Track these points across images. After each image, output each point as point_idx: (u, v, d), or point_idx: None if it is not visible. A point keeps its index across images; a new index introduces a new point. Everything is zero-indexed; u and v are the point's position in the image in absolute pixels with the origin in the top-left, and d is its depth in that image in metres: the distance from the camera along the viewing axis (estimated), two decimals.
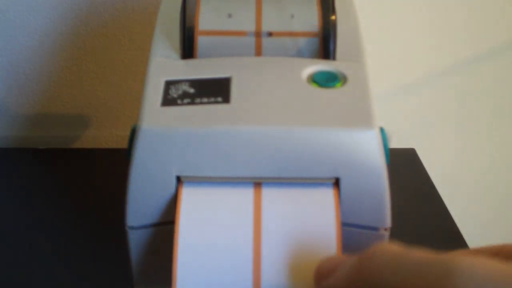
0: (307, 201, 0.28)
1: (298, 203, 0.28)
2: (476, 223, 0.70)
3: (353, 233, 0.28)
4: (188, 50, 0.33)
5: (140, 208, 0.28)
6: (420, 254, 0.21)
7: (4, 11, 0.55)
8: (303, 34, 0.33)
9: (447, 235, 0.49)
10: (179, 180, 0.28)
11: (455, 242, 0.48)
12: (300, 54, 0.33)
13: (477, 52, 0.60)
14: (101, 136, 0.62)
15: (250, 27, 0.33)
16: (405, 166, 0.58)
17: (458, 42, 0.59)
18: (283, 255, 0.27)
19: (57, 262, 0.44)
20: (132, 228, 0.29)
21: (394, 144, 0.63)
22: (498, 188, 0.68)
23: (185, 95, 0.29)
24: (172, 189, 0.28)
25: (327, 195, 0.28)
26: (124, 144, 0.60)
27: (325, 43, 0.33)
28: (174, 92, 0.30)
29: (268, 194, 0.28)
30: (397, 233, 0.31)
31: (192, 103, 0.29)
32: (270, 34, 0.33)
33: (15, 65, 0.58)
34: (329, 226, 0.27)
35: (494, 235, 0.71)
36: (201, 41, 0.33)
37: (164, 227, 0.28)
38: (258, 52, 0.33)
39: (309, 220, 0.27)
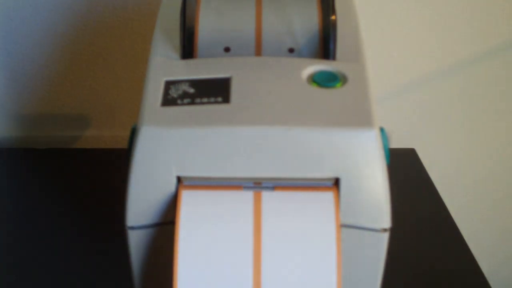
0: (307, 201, 0.28)
1: (297, 203, 0.28)
2: (476, 223, 0.70)
3: (353, 234, 0.28)
4: (188, 50, 0.33)
5: (140, 208, 0.28)
6: None
7: (5, 12, 0.55)
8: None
9: (447, 235, 0.49)
10: (179, 180, 0.28)
11: (455, 242, 0.48)
12: (300, 54, 0.33)
13: (477, 52, 0.60)
14: (101, 136, 0.62)
15: (250, 27, 0.33)
16: (405, 166, 0.58)
17: (458, 42, 0.59)
18: (283, 255, 0.27)
19: (57, 262, 0.44)
20: (132, 228, 0.29)
21: (394, 144, 0.63)
22: (498, 188, 0.68)
23: (185, 95, 0.29)
24: (172, 189, 0.28)
25: (327, 195, 0.28)
26: (124, 144, 0.61)
27: (325, 43, 0.33)
28: (174, 92, 0.30)
29: (268, 194, 0.28)
30: (397, 233, 0.31)
31: (192, 103, 0.29)
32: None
33: (15, 65, 0.58)
34: (329, 226, 0.27)
35: (494, 235, 0.71)
36: (201, 41, 0.33)
37: (164, 227, 0.28)
38: (258, 52, 0.33)
39: (309, 220, 0.27)
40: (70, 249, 0.46)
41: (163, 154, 0.28)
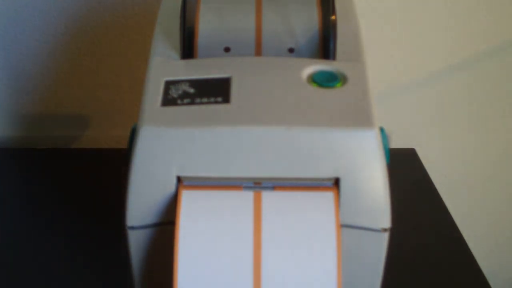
0: (307, 201, 0.28)
1: (297, 203, 0.28)
2: (476, 223, 0.70)
3: (353, 234, 0.28)
4: (188, 50, 0.33)
5: (140, 208, 0.28)
6: None
7: (5, 12, 0.55)
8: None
9: (447, 235, 0.48)
10: (179, 180, 0.28)
11: (455, 242, 0.48)
12: (300, 54, 0.33)
13: (478, 52, 0.60)
14: (101, 136, 0.62)
15: (250, 27, 0.33)
16: (405, 166, 0.58)
17: (458, 42, 0.59)
18: (283, 255, 0.27)
19: (57, 262, 0.44)
20: (132, 228, 0.29)
21: (394, 144, 0.63)
22: (498, 188, 0.68)
23: (185, 95, 0.29)
24: (172, 189, 0.28)
25: (327, 195, 0.28)
26: (124, 144, 0.60)
27: (325, 43, 0.33)
28: (174, 92, 0.30)
29: (268, 194, 0.28)
30: (397, 233, 0.31)
31: (192, 103, 0.29)
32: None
33: (15, 65, 0.58)
34: (329, 226, 0.27)
35: (494, 235, 0.71)
36: (201, 41, 0.33)
37: (164, 227, 0.28)
38: (258, 52, 0.33)
39: (309, 220, 0.27)
40: (70, 249, 0.46)
41: (163, 154, 0.28)
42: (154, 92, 0.30)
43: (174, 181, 0.28)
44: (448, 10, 0.57)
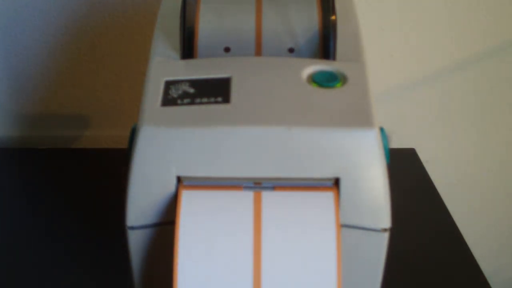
0: (307, 201, 0.28)
1: (297, 203, 0.28)
2: (476, 223, 0.70)
3: (353, 234, 0.28)
4: (188, 50, 0.33)
5: (140, 208, 0.28)
6: None
7: (5, 12, 0.55)
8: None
9: (447, 235, 0.48)
10: (179, 180, 0.28)
11: (455, 242, 0.48)
12: (300, 54, 0.33)
13: (478, 52, 0.60)
14: (101, 136, 0.62)
15: (250, 27, 0.33)
16: (405, 166, 0.58)
17: (458, 42, 0.59)
18: (283, 255, 0.27)
19: (57, 262, 0.44)
20: (132, 228, 0.29)
21: (394, 144, 0.63)
22: (498, 188, 0.68)
23: (185, 95, 0.29)
24: (172, 189, 0.28)
25: (327, 195, 0.28)
26: (124, 144, 0.60)
27: (325, 43, 0.33)
28: (174, 92, 0.30)
29: (268, 194, 0.28)
30: (397, 233, 0.31)
31: (192, 103, 0.29)
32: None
33: (15, 65, 0.58)
34: (329, 226, 0.27)
35: (494, 235, 0.71)
36: (201, 41, 0.33)
37: (164, 227, 0.28)
38: (258, 52, 0.33)
39: (309, 220, 0.27)
40: (70, 249, 0.46)
41: (163, 154, 0.28)
42: (154, 92, 0.30)
43: (174, 181, 0.28)
44: (448, 10, 0.57)
